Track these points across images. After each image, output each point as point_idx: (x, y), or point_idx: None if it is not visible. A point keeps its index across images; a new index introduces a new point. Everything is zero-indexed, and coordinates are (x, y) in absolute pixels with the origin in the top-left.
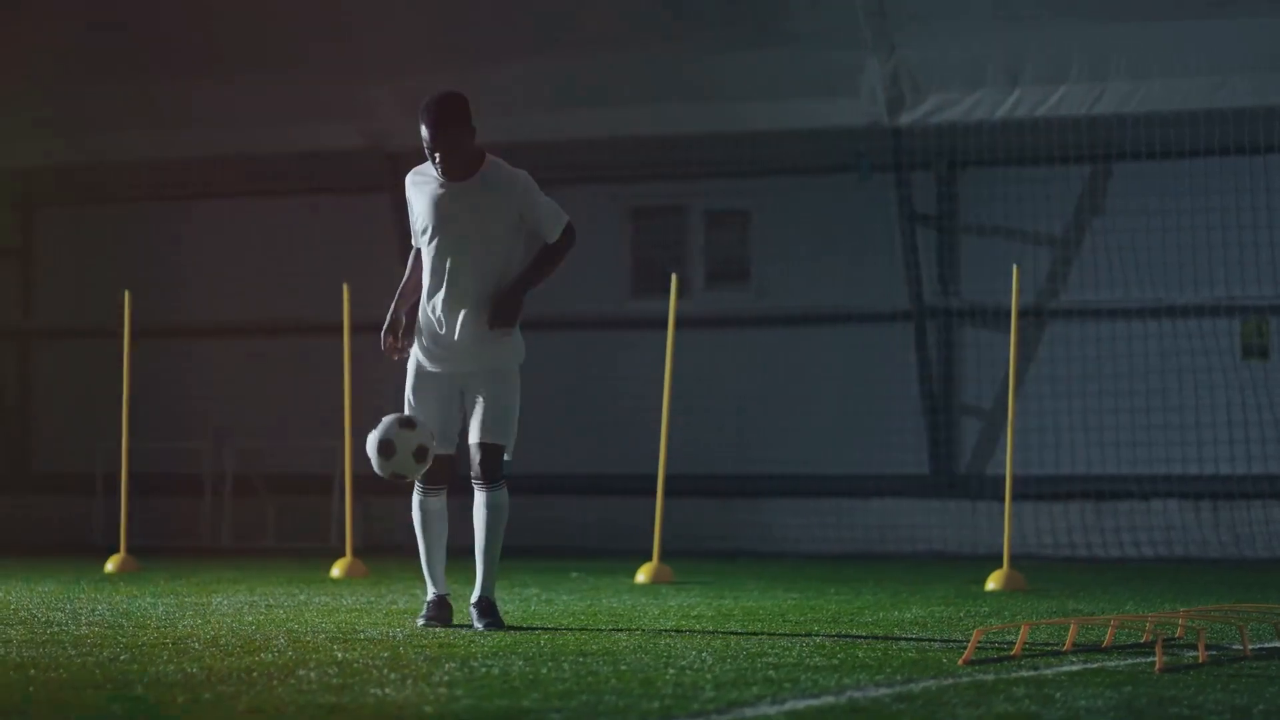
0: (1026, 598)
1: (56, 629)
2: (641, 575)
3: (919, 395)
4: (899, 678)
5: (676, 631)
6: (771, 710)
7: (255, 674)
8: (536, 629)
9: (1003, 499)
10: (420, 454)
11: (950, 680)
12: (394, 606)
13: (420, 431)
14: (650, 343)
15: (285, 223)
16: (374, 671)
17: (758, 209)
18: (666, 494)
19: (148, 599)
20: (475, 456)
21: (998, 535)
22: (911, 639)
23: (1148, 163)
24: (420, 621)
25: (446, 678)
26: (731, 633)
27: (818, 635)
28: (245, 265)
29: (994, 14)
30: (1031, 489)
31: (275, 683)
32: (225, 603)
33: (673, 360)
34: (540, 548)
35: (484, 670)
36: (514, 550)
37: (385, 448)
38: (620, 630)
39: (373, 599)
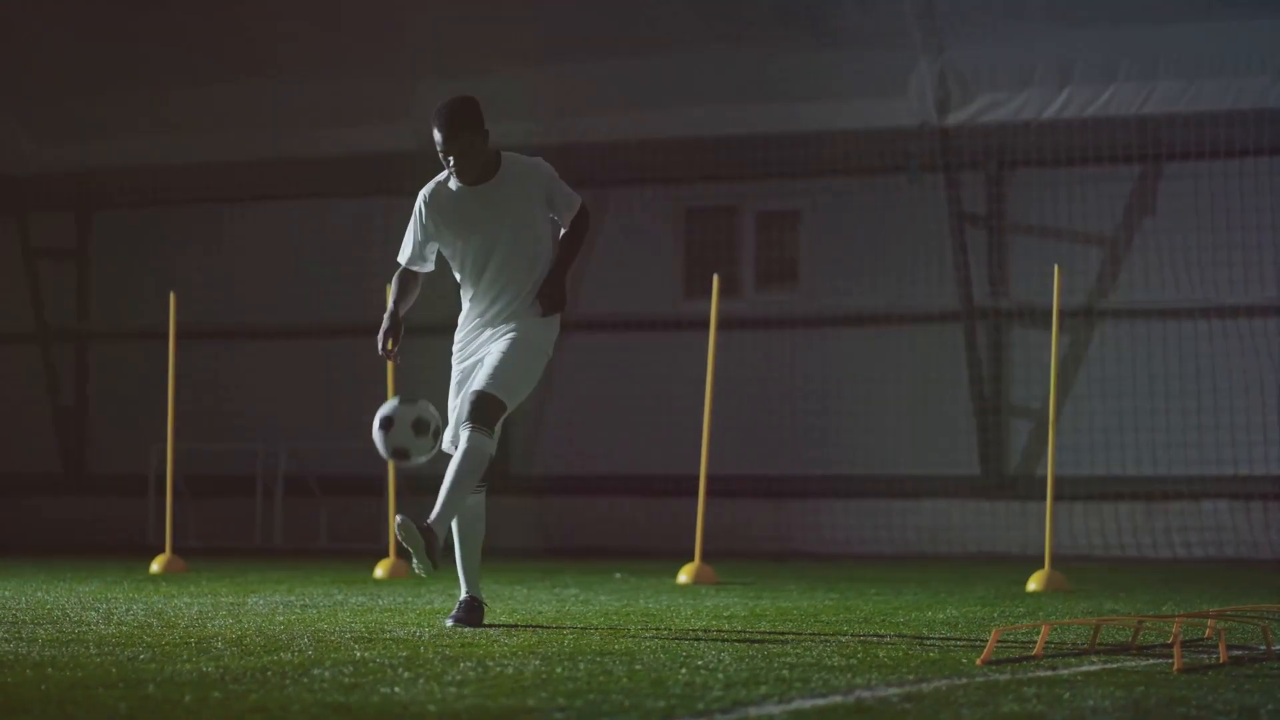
0: (1066, 599)
1: (85, 628)
2: (684, 576)
3: (969, 396)
4: (912, 678)
5: (704, 632)
6: (776, 710)
7: (270, 673)
8: (565, 628)
9: (1055, 499)
10: (419, 426)
11: (964, 680)
12: (429, 607)
13: (420, 406)
14: (703, 343)
15: (339, 224)
16: (388, 671)
17: (809, 210)
18: (718, 495)
19: (184, 599)
20: (468, 403)
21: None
22: (937, 639)
23: (1198, 162)
24: (449, 622)
25: (459, 677)
26: (758, 633)
27: (844, 636)
28: (301, 267)
29: (1043, 14)
30: (1081, 490)
31: (288, 681)
32: (261, 603)
33: (724, 361)
34: (591, 548)
35: (498, 670)
36: (564, 551)
37: (385, 423)
38: (648, 631)
39: (409, 599)
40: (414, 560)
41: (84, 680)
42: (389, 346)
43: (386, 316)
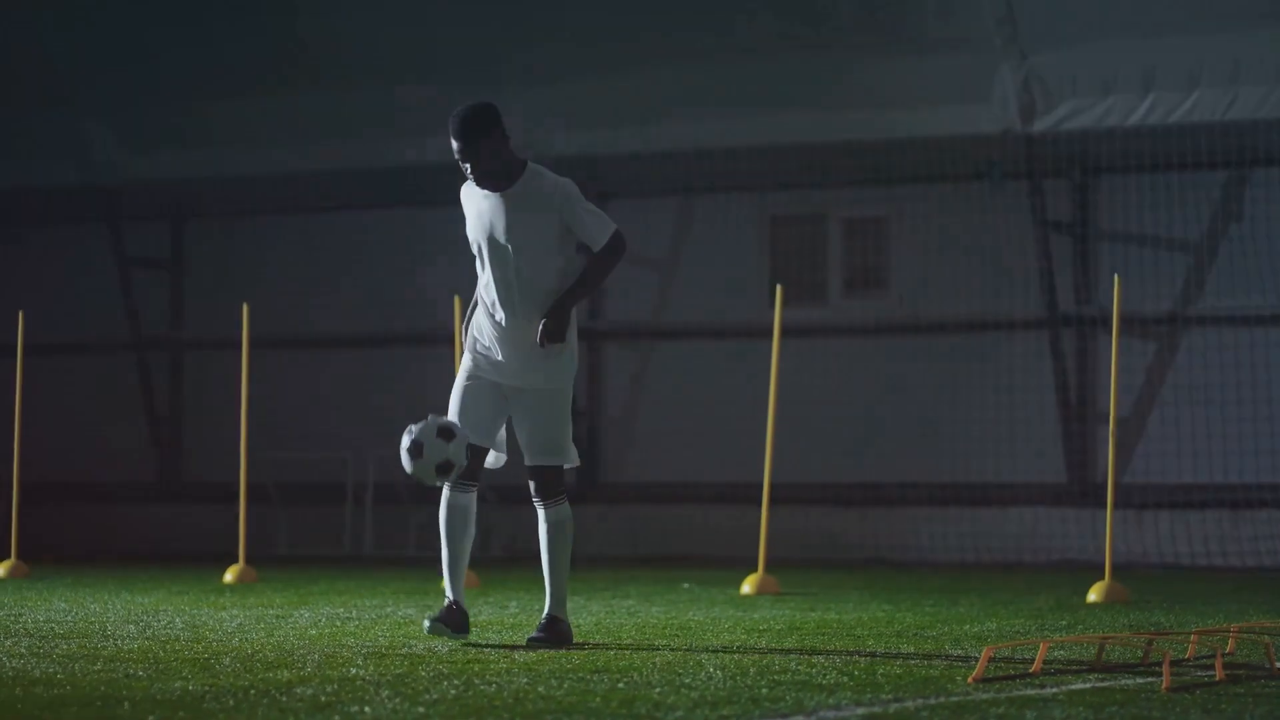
0: (1118, 610)
1: (109, 643)
2: (747, 586)
3: (1055, 403)
4: (886, 697)
5: (721, 647)
6: None
7: (253, 692)
8: (588, 646)
9: (1140, 507)
10: (444, 468)
11: (939, 700)
12: (473, 618)
13: (454, 447)
14: (790, 350)
15: (432, 232)
16: (370, 690)
17: (895, 216)
18: (800, 502)
19: (233, 611)
20: (531, 480)
21: (1134, 543)
22: (955, 656)
23: None
24: (426, 623)
25: (436, 696)
26: (775, 649)
27: (862, 652)
28: (392, 274)
29: (1124, 21)
30: (1165, 497)
31: (264, 700)
32: (306, 616)
33: (810, 367)
34: (680, 556)
35: (482, 689)
36: (654, 559)
37: (415, 449)
38: (670, 646)
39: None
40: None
41: (61, 698)
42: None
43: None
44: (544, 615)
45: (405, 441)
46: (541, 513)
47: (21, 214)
